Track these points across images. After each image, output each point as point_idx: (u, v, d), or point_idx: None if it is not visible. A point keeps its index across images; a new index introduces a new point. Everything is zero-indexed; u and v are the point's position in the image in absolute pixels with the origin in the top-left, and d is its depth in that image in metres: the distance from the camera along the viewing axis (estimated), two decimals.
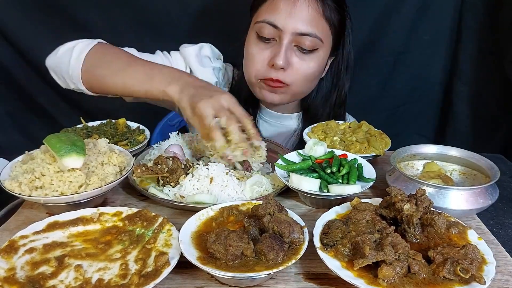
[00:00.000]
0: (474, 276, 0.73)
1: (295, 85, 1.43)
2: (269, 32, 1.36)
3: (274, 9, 1.35)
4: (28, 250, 0.84)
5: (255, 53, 1.41)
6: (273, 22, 1.34)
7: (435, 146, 1.20)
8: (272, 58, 1.37)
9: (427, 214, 0.86)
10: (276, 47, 1.37)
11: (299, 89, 1.47)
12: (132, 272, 0.78)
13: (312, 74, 1.44)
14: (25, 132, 2.15)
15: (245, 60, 1.48)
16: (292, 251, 0.79)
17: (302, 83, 1.45)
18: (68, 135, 1.05)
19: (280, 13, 1.34)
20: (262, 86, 1.44)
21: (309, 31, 1.34)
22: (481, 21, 2.00)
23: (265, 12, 1.38)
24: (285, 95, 1.47)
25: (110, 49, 1.38)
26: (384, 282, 0.73)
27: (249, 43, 1.44)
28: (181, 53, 1.54)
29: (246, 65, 1.47)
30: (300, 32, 1.34)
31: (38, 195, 0.95)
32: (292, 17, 1.33)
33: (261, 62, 1.40)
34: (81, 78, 1.33)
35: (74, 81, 1.35)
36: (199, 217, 0.90)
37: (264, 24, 1.36)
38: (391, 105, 2.26)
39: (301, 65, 1.39)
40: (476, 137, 2.16)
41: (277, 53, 1.35)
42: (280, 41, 1.36)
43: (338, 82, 1.57)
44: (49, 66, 1.41)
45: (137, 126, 1.42)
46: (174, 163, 1.11)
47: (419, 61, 2.15)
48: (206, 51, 1.56)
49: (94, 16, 1.94)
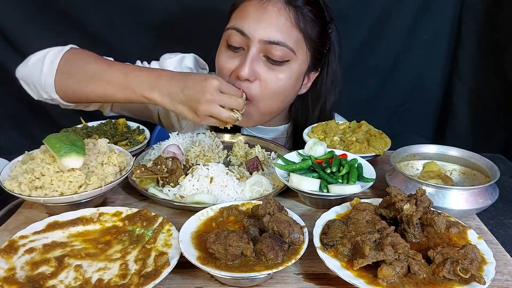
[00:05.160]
0: (474, 276, 0.73)
1: (263, 101, 1.31)
2: (237, 40, 1.27)
3: (243, 15, 1.27)
4: (28, 250, 0.84)
5: (223, 62, 1.32)
6: (240, 28, 1.25)
7: (435, 146, 1.20)
8: (237, 68, 1.27)
9: (427, 214, 0.86)
10: (243, 56, 1.27)
11: (267, 106, 1.33)
12: (132, 272, 0.78)
13: (282, 88, 1.31)
14: (25, 132, 2.15)
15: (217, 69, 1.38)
16: (292, 251, 0.79)
17: (271, 98, 1.32)
18: (68, 135, 1.05)
19: (248, 20, 1.25)
20: None
21: (278, 39, 1.24)
22: (481, 21, 2.00)
23: (236, 18, 1.29)
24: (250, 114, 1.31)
25: (83, 54, 1.30)
26: (384, 282, 0.73)
27: (219, 52, 1.35)
28: (160, 64, 1.48)
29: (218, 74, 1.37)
30: (269, 40, 1.23)
31: (38, 195, 0.95)
32: (260, 24, 1.24)
33: (227, 72, 1.31)
34: (55, 86, 1.26)
35: (47, 90, 1.27)
36: (199, 217, 0.90)
37: (232, 30, 1.27)
38: (391, 105, 2.26)
39: (269, 77, 1.28)
40: (476, 137, 2.16)
41: (241, 64, 1.25)
42: (247, 50, 1.26)
43: (323, 98, 1.47)
44: (20, 76, 1.33)
45: (137, 126, 1.42)
46: (174, 164, 1.11)
47: (419, 61, 2.15)
48: (187, 62, 1.49)
49: (94, 16, 1.94)
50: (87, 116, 1.50)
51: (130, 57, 1.50)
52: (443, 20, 2.07)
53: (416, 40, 2.09)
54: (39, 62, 1.27)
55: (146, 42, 2.01)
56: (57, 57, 1.26)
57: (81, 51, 1.32)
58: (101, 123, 1.42)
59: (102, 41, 1.97)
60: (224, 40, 1.33)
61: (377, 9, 2.05)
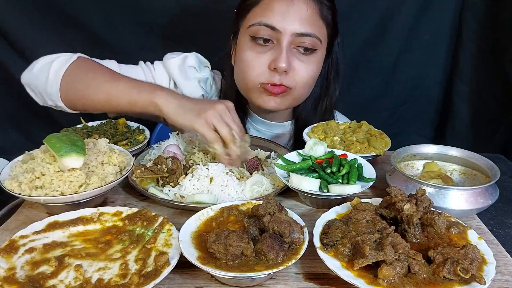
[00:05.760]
0: (474, 276, 0.73)
1: (297, 89, 1.38)
2: (266, 34, 1.30)
3: (270, 10, 1.30)
4: (28, 250, 0.84)
5: (252, 57, 1.34)
6: (270, 23, 1.29)
7: (435, 146, 1.20)
8: (274, 61, 1.31)
9: (427, 214, 0.86)
10: (275, 50, 1.32)
11: (300, 93, 1.41)
12: (132, 272, 0.78)
13: (312, 77, 1.40)
14: (25, 132, 2.15)
15: (240, 67, 1.40)
16: (292, 251, 0.79)
17: (303, 87, 1.39)
18: (68, 135, 1.05)
19: (277, 14, 1.29)
20: (261, 91, 1.37)
21: (308, 31, 1.30)
22: (481, 21, 2.01)
23: (259, 15, 1.31)
24: (286, 100, 1.40)
25: (91, 63, 1.32)
26: (384, 282, 0.73)
27: (243, 48, 1.37)
28: (164, 64, 1.48)
29: (241, 71, 1.39)
30: (300, 32, 1.29)
31: (38, 194, 0.95)
32: (290, 17, 1.28)
33: (261, 67, 1.34)
34: (60, 93, 1.27)
35: (52, 97, 1.29)
36: (199, 217, 0.90)
37: (260, 26, 1.30)
38: (392, 105, 2.26)
39: (302, 68, 1.34)
40: (476, 137, 2.16)
41: (278, 56, 1.29)
42: (279, 43, 1.30)
43: (329, 87, 1.52)
44: (25, 82, 1.33)
45: (137, 126, 1.42)
46: (174, 164, 1.11)
47: (419, 60, 2.15)
48: (190, 61, 1.49)
49: (94, 16, 1.94)
50: (87, 116, 1.50)
51: (130, 57, 1.50)
52: (443, 20, 2.07)
53: (417, 40, 2.10)
54: (45, 69, 1.28)
55: (146, 42, 2.02)
56: (64, 66, 1.27)
57: (88, 61, 1.33)
58: (101, 123, 1.42)
59: (102, 41, 1.98)
60: (247, 37, 1.35)
61: (378, 9, 2.05)
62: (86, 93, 1.27)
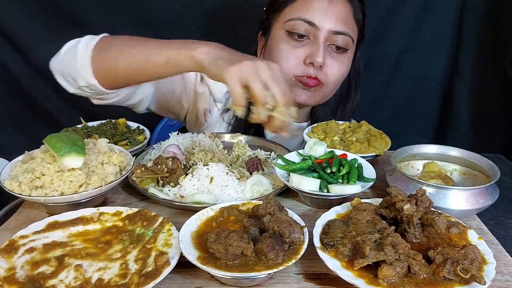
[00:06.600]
0: (474, 276, 0.73)
1: (328, 85, 1.41)
2: (303, 30, 1.34)
3: (309, 6, 1.34)
4: (28, 250, 0.84)
5: (288, 50, 1.37)
6: (309, 19, 1.33)
7: (435, 146, 1.20)
8: (310, 56, 1.34)
9: (427, 214, 0.86)
10: (311, 45, 1.35)
11: (329, 90, 1.45)
12: (132, 272, 0.78)
13: (342, 75, 1.43)
14: (25, 132, 2.15)
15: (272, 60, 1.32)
16: (292, 251, 0.79)
17: (334, 84, 1.43)
18: (68, 134, 1.05)
19: (317, 11, 1.33)
20: (294, 84, 1.39)
21: (344, 29, 1.34)
22: (482, 22, 2.01)
23: (298, 10, 1.35)
24: (317, 95, 1.43)
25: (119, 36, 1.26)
26: (384, 282, 0.73)
27: (279, 41, 1.40)
28: None
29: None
30: (336, 30, 1.33)
31: (38, 194, 0.95)
32: (329, 15, 1.33)
33: (297, 60, 1.37)
34: (92, 67, 1.18)
35: (84, 75, 1.20)
36: (199, 217, 0.90)
37: (299, 21, 1.34)
38: (392, 105, 2.26)
39: (334, 65, 1.38)
40: (476, 137, 2.16)
41: (316, 51, 1.33)
42: (316, 39, 1.34)
43: (350, 90, 1.55)
44: (54, 68, 1.27)
45: (137, 126, 1.42)
46: (174, 163, 1.11)
47: (420, 61, 2.15)
48: None
49: (94, 16, 1.94)
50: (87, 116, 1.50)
51: None
52: (444, 21, 2.07)
53: (417, 40, 2.10)
54: (73, 49, 1.23)
55: None
56: (92, 41, 1.22)
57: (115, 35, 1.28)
58: (101, 123, 1.42)
59: None
60: (283, 31, 1.38)
61: (379, 10, 2.05)
62: (120, 60, 1.18)
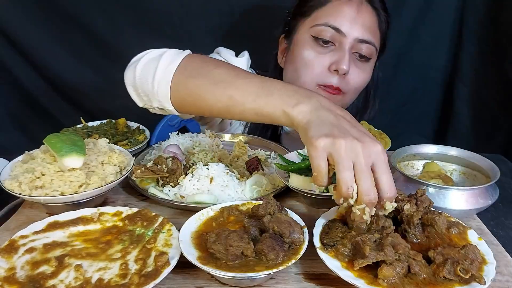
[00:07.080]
0: (474, 276, 0.73)
1: (349, 94, 1.39)
2: (329, 36, 1.31)
3: (338, 13, 1.32)
4: (28, 250, 0.84)
5: (313, 57, 1.34)
6: (337, 26, 1.30)
7: (435, 146, 1.20)
8: (335, 63, 1.31)
9: (427, 214, 0.86)
10: (335, 52, 1.32)
11: (349, 99, 1.43)
12: (132, 272, 0.78)
13: (364, 84, 1.41)
14: (25, 132, 2.15)
15: (296, 65, 1.38)
16: (292, 251, 0.79)
17: (354, 93, 1.41)
18: (68, 135, 1.05)
19: (345, 18, 1.31)
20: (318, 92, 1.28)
21: (369, 38, 1.33)
22: (482, 22, 2.00)
23: (326, 16, 1.33)
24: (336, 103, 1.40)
25: (207, 58, 1.12)
26: (384, 282, 0.73)
27: (304, 46, 1.36)
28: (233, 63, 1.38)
29: (298, 70, 1.37)
30: (362, 39, 1.31)
31: (38, 194, 0.95)
32: (356, 23, 1.30)
33: (321, 67, 1.34)
34: (170, 93, 1.03)
35: (160, 99, 1.05)
36: (199, 217, 0.90)
37: (326, 27, 1.31)
38: (393, 106, 2.26)
39: (357, 73, 1.36)
40: (476, 137, 2.16)
41: (341, 58, 1.30)
42: (341, 46, 1.32)
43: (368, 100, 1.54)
44: (129, 82, 1.10)
45: (137, 126, 1.42)
46: (174, 163, 1.11)
47: (420, 62, 2.15)
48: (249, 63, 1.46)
49: (95, 15, 1.94)
50: (87, 116, 1.50)
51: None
52: (444, 22, 2.07)
53: (417, 41, 2.09)
54: (152, 64, 1.05)
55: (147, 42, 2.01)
56: (176, 59, 1.04)
57: (203, 56, 1.12)
58: (101, 123, 1.42)
59: (104, 41, 1.98)
60: (308, 36, 1.35)
61: None
62: (202, 91, 1.00)
